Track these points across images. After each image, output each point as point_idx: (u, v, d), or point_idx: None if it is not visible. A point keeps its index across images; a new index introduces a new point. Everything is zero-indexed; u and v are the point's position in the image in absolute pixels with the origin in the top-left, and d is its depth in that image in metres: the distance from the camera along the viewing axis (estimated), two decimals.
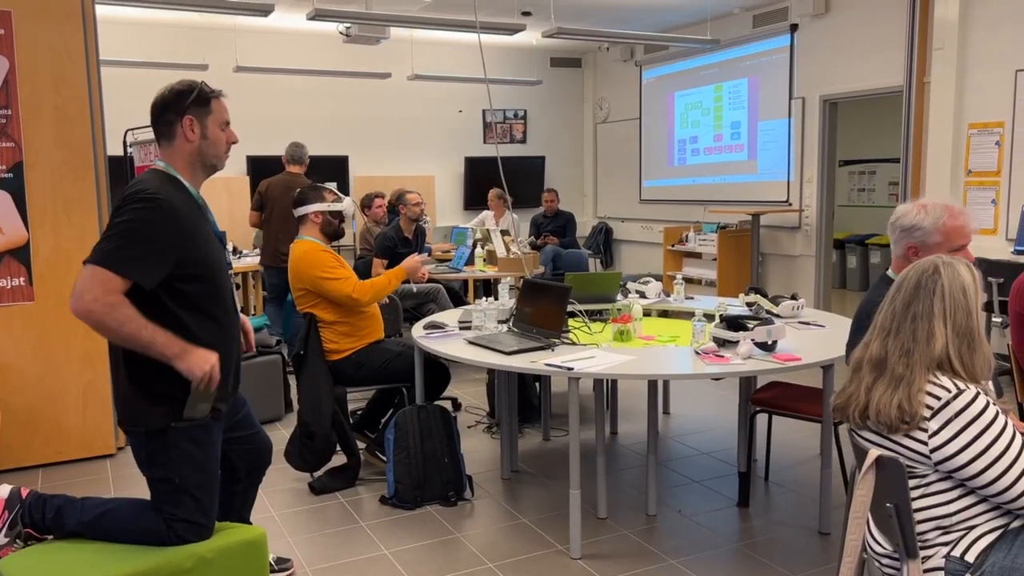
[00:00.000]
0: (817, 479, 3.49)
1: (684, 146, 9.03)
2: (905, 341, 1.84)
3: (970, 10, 6.06)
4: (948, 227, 2.46)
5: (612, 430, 4.67)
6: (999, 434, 1.74)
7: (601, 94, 10.39)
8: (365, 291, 3.79)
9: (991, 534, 1.79)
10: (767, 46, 7.83)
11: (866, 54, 6.89)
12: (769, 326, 3.27)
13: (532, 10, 7.46)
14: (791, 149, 7.67)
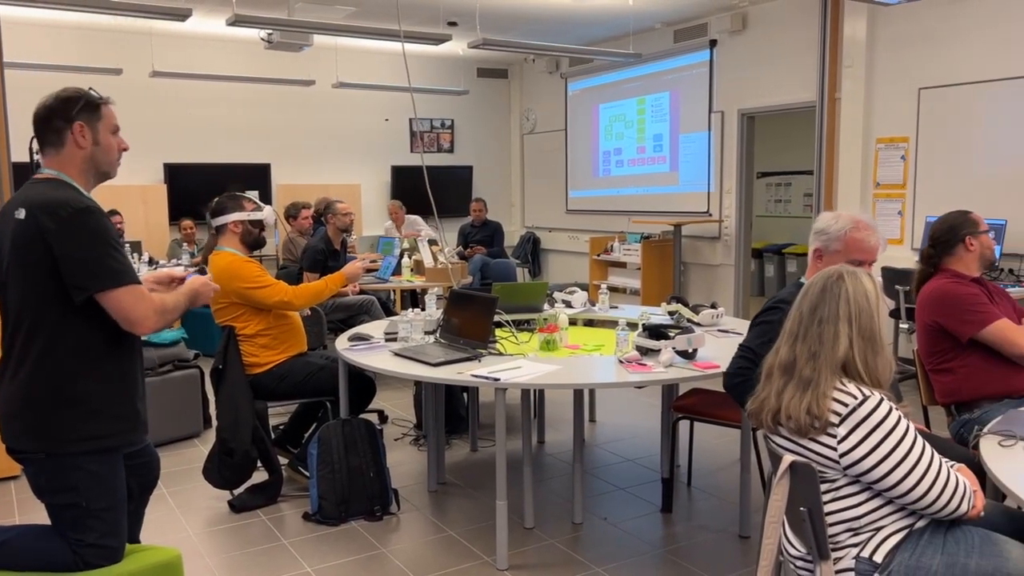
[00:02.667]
0: (737, 484, 3.58)
1: (609, 157, 9.18)
2: (812, 344, 1.91)
3: (876, 30, 6.35)
4: (850, 238, 2.59)
5: (540, 439, 4.69)
6: (901, 439, 1.81)
7: (528, 105, 10.48)
8: (301, 294, 3.74)
9: (897, 534, 1.87)
10: (687, 61, 8.04)
11: (781, 70, 7.15)
12: (689, 334, 3.35)
13: (458, 20, 7.47)
14: (711, 161, 7.89)
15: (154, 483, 2.52)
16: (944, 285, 3.02)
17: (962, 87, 5.82)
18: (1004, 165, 5.61)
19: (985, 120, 5.71)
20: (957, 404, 3.03)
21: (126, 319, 2.11)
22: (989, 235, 3.08)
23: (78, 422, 2.12)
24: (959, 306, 2.95)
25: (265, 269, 3.82)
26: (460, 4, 6.87)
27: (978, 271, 3.10)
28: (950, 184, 5.96)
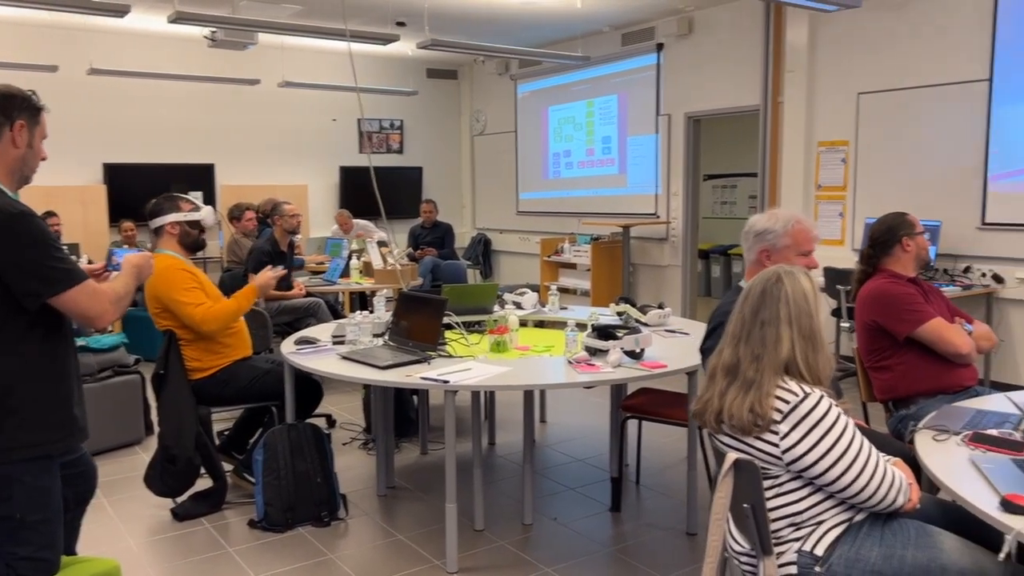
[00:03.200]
0: (685, 482, 3.62)
1: (558, 159, 9.23)
2: (755, 347, 1.94)
3: (817, 37, 6.51)
4: (796, 230, 2.65)
5: (490, 441, 4.69)
6: (841, 434, 1.86)
7: (477, 106, 10.47)
8: (212, 319, 3.57)
9: (837, 528, 1.91)
10: (635, 64, 8.12)
11: (726, 74, 7.27)
12: (637, 335, 3.38)
13: (407, 21, 7.43)
14: (658, 164, 7.98)
15: (91, 493, 2.44)
16: (882, 285, 3.11)
17: (899, 92, 6.00)
18: (939, 168, 5.80)
19: (922, 124, 5.90)
20: (894, 400, 3.11)
21: (84, 316, 2.11)
22: (924, 236, 3.18)
23: (12, 430, 2.04)
24: (896, 305, 3.04)
25: (203, 278, 3.70)
26: (409, 4, 6.83)
27: (914, 271, 3.19)
28: (888, 186, 6.13)
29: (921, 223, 3.25)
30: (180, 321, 3.59)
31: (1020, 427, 2.29)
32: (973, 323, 3.15)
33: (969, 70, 5.57)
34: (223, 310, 3.64)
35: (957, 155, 5.68)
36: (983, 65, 5.49)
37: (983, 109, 5.50)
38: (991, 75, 5.45)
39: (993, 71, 5.43)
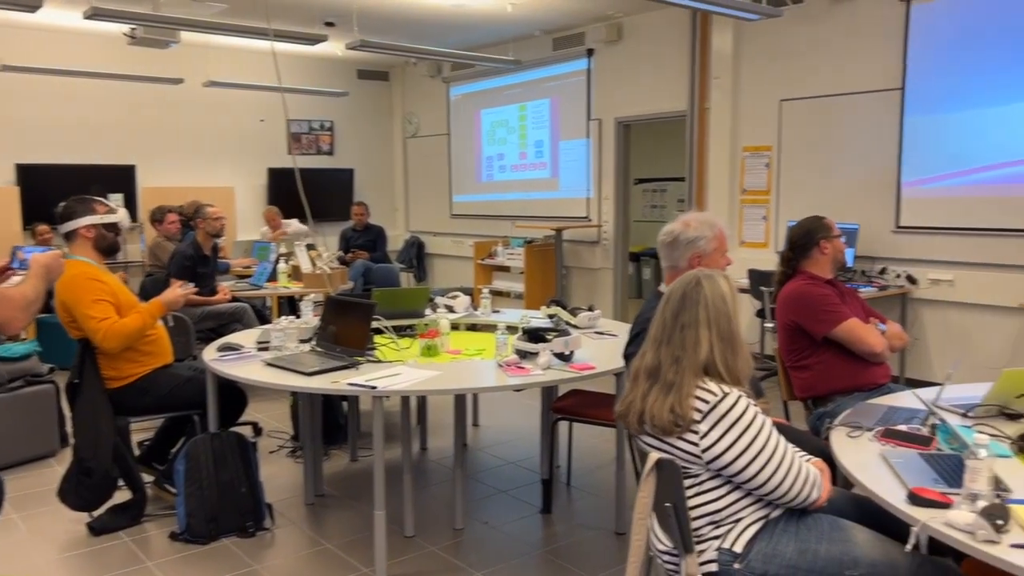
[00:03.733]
0: (614, 482, 3.66)
1: (492, 163, 9.24)
2: (675, 350, 1.98)
3: (742, 45, 6.68)
4: (720, 234, 2.74)
5: (422, 446, 4.65)
6: (758, 433, 1.90)
7: (410, 108, 10.40)
8: (114, 336, 3.38)
9: (755, 525, 1.96)
10: (566, 69, 8.19)
11: (655, 80, 7.40)
12: (566, 337, 3.41)
13: (336, 21, 7.32)
14: (590, 168, 8.07)
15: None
16: (800, 287, 3.20)
17: (819, 99, 6.21)
18: (857, 173, 6.02)
19: (840, 131, 6.11)
20: (813, 398, 3.21)
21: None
22: (841, 239, 3.29)
23: None
24: (814, 306, 3.14)
25: (114, 287, 3.53)
26: (338, 4, 6.74)
27: (831, 273, 3.30)
28: (809, 190, 6.33)
29: (838, 226, 3.37)
30: None
31: (928, 423, 2.39)
32: (886, 323, 3.28)
33: (883, 79, 5.80)
34: (125, 328, 3.41)
35: (873, 161, 5.91)
36: (896, 75, 5.72)
37: (896, 117, 5.73)
38: (903, 85, 5.68)
39: (905, 81, 5.67)
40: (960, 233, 5.47)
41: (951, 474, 1.98)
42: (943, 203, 5.54)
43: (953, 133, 5.46)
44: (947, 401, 2.63)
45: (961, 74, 5.40)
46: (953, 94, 5.44)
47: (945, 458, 2.10)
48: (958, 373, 3.69)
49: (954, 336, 5.57)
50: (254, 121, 9.35)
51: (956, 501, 1.80)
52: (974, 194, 5.38)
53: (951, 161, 5.48)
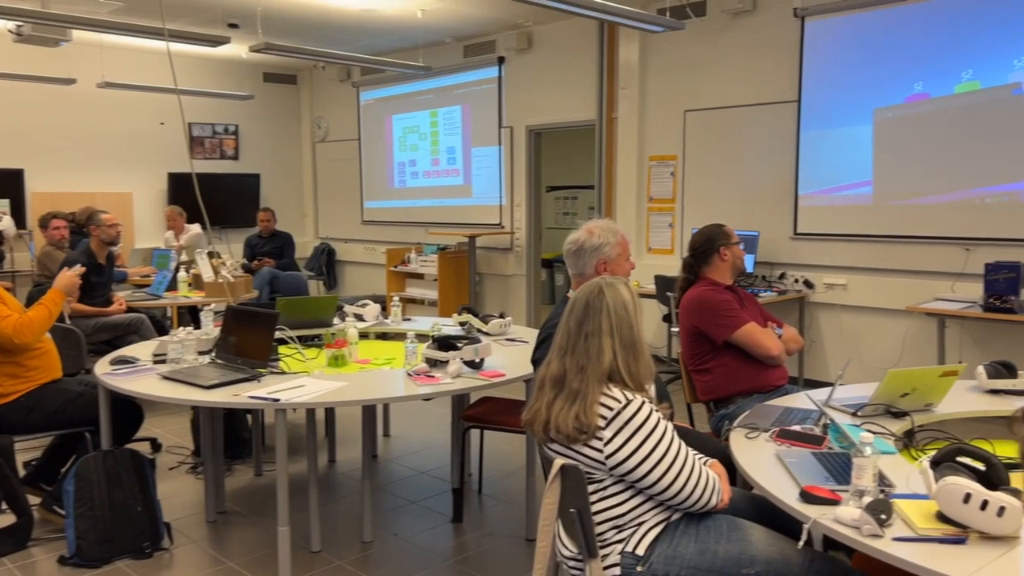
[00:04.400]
0: (524, 488, 3.67)
1: (404, 169, 9.16)
2: (580, 358, 2.00)
3: (647, 56, 6.84)
4: (623, 240, 2.82)
5: (330, 458, 4.55)
6: (660, 439, 1.94)
7: (319, 112, 10.21)
8: (25, 329, 3.26)
9: (656, 528, 2.00)
10: (478, 76, 8.21)
11: (565, 89, 7.49)
12: (476, 344, 3.40)
13: (240, 22, 7.12)
14: (502, 175, 8.10)
15: None
16: (702, 293, 3.29)
17: (722, 110, 6.42)
18: (758, 182, 6.24)
19: (742, 141, 6.33)
20: (715, 400, 3.30)
21: None
22: (740, 246, 3.40)
23: None
24: (714, 312, 3.23)
25: (3, 293, 3.36)
26: (242, 5, 6.55)
27: (731, 279, 3.40)
28: (713, 198, 6.53)
29: (740, 234, 3.48)
30: None
31: (820, 423, 2.49)
32: (783, 327, 3.40)
33: (780, 92, 6.04)
34: (36, 318, 3.34)
35: (772, 170, 6.14)
36: (792, 88, 5.97)
37: (793, 128, 5.98)
38: (799, 98, 5.93)
39: (801, 94, 5.92)
40: (853, 240, 5.74)
41: (841, 472, 2.06)
42: (837, 211, 5.81)
43: (845, 147, 5.73)
44: (839, 401, 2.75)
45: (852, 90, 5.68)
46: (845, 109, 5.72)
47: (835, 456, 2.19)
48: (852, 373, 3.87)
49: (848, 338, 5.84)
50: (154, 124, 8.99)
51: (844, 498, 1.88)
52: (865, 203, 5.66)
53: (843, 174, 5.75)
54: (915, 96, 5.40)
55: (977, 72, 5.13)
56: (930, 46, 5.31)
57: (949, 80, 5.24)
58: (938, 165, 5.31)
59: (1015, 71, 4.98)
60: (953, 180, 5.25)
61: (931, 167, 5.34)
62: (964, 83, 5.17)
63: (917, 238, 5.43)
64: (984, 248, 5.07)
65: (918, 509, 1.78)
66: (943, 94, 5.27)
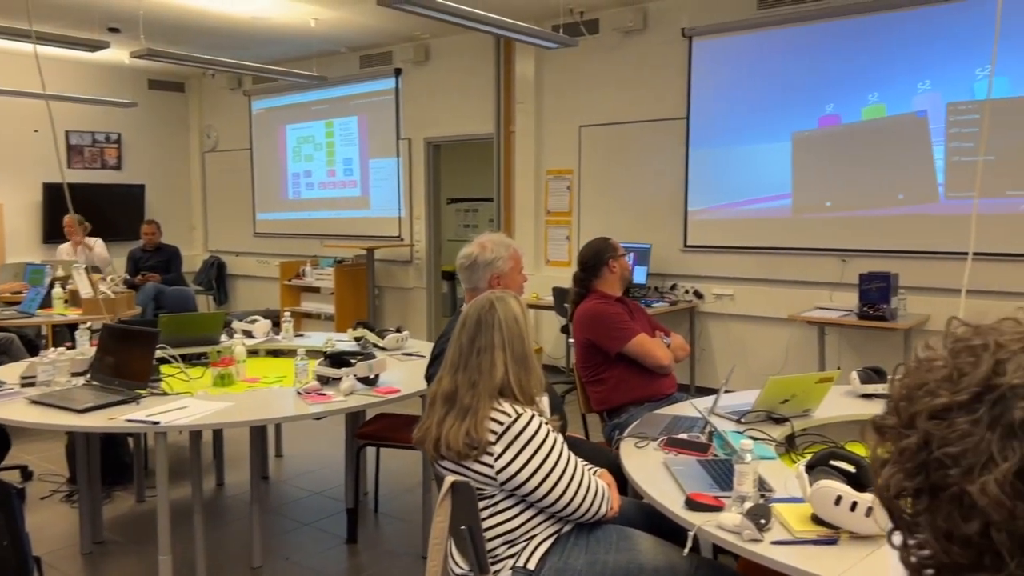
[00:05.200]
0: (421, 505, 3.62)
1: (298, 179, 8.95)
2: (472, 374, 1.99)
3: (543, 72, 6.94)
4: (516, 253, 2.85)
5: (218, 481, 4.37)
6: (550, 452, 1.95)
7: (208, 121, 9.86)
8: None
9: (547, 541, 2.00)
10: (374, 87, 8.13)
11: (463, 102, 7.50)
12: (370, 360, 3.34)
13: (121, 27, 6.80)
14: (400, 187, 8.03)
15: None
16: (593, 306, 3.35)
17: (615, 126, 6.57)
18: (650, 196, 6.42)
19: (635, 156, 6.50)
20: (608, 411, 3.36)
21: None
22: (626, 258, 3.47)
23: None
24: (606, 324, 3.29)
25: None
26: (123, 9, 6.26)
27: (621, 290, 3.48)
28: (608, 212, 6.67)
29: (632, 246, 3.57)
30: None
31: (706, 430, 2.56)
32: (670, 335, 3.49)
33: (670, 109, 6.24)
34: None
35: (663, 184, 6.32)
36: (681, 106, 6.18)
37: (682, 144, 6.18)
38: (688, 115, 6.14)
39: (689, 112, 6.14)
40: (739, 252, 5.98)
41: (724, 478, 2.12)
42: (724, 224, 6.03)
43: (731, 165, 5.96)
44: (724, 408, 2.83)
45: (736, 110, 5.92)
46: (730, 128, 5.96)
47: (719, 463, 2.26)
48: (740, 380, 4.01)
49: (735, 346, 6.07)
50: (27, 131, 8.45)
51: (727, 504, 1.93)
52: (750, 217, 5.91)
53: (729, 192, 5.98)
54: (790, 113, 5.68)
55: (837, 106, 5.45)
56: (802, 68, 5.61)
57: (817, 105, 5.54)
58: (822, 184, 5.60)
59: (919, 94, 5.32)
60: (837, 202, 5.54)
61: (816, 185, 5.63)
62: (870, 106, 5.40)
63: (798, 250, 5.71)
64: (859, 259, 5.38)
65: (795, 512, 1.86)
66: (846, 115, 5.52)
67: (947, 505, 0.65)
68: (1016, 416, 0.63)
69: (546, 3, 6.13)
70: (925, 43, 5.12)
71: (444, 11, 4.61)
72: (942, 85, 5.06)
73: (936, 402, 0.68)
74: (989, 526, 0.62)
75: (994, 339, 0.68)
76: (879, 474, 0.72)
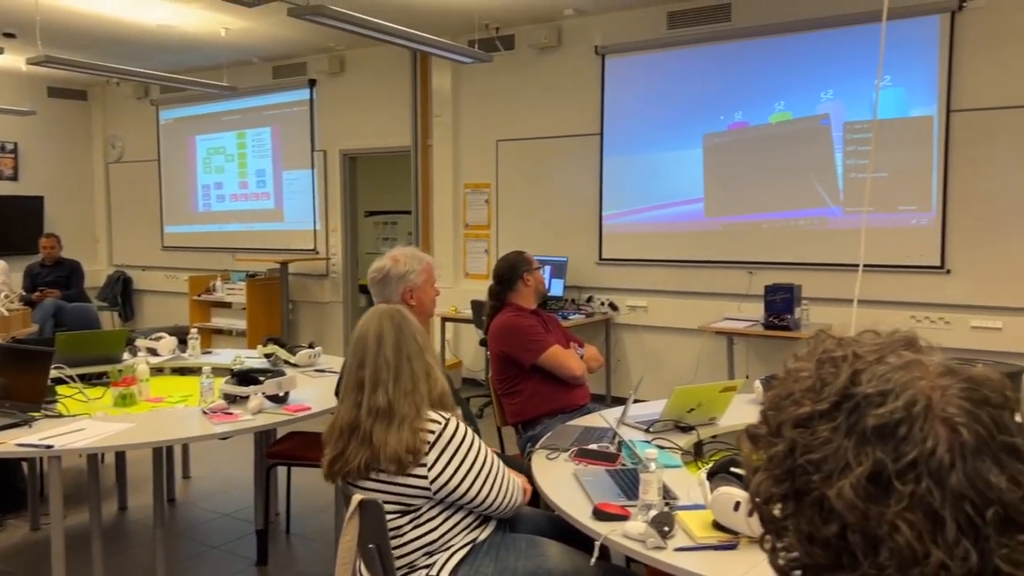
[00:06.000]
0: (335, 525, 3.55)
1: (209, 192, 8.71)
2: (405, 383, 2.00)
3: (460, 85, 6.97)
4: (429, 267, 2.85)
5: (121, 505, 4.19)
6: (477, 453, 2.00)
7: (113, 131, 9.49)
8: None
9: (462, 551, 2.01)
10: (288, 98, 7.99)
11: (379, 114, 7.45)
12: (280, 378, 3.27)
13: (17, 32, 6.49)
14: (315, 199, 7.91)
15: None
16: (508, 319, 3.37)
17: (532, 141, 6.64)
18: (567, 210, 6.51)
19: (551, 171, 6.58)
20: (523, 423, 3.38)
21: None
22: (540, 272, 3.51)
23: None
24: (520, 336, 3.31)
25: None
26: (19, 13, 5.98)
27: (535, 303, 3.51)
28: (525, 225, 6.73)
29: (549, 259, 3.61)
30: None
31: (615, 441, 2.60)
32: (584, 347, 3.54)
33: (585, 124, 6.36)
34: None
35: (579, 199, 6.42)
36: (595, 121, 6.30)
37: (596, 159, 6.30)
38: (601, 130, 6.27)
39: (603, 127, 6.26)
40: (652, 264, 6.12)
41: (632, 488, 2.16)
42: (638, 238, 6.17)
43: (642, 173, 6.12)
44: (634, 418, 2.89)
45: (649, 123, 6.08)
46: (640, 139, 6.11)
47: (627, 473, 2.30)
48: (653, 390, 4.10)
49: (649, 356, 6.20)
50: None
51: (633, 512, 1.97)
52: (662, 230, 6.06)
53: (640, 197, 6.14)
54: (698, 129, 5.87)
55: (746, 113, 5.68)
56: (710, 87, 5.80)
57: (725, 117, 5.75)
58: (730, 191, 5.80)
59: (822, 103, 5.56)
60: (744, 206, 5.74)
61: (725, 193, 5.82)
62: (737, 119, 5.68)
63: (709, 262, 5.88)
64: (765, 271, 5.58)
65: (697, 519, 1.91)
66: (756, 123, 5.71)
67: (809, 509, 0.68)
68: (869, 423, 0.66)
69: (462, 18, 6.16)
70: (825, 62, 5.38)
71: (357, 24, 4.58)
72: (843, 96, 5.31)
73: (800, 411, 0.71)
74: (846, 528, 0.66)
75: (853, 350, 0.72)
76: (752, 480, 0.75)
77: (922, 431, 0.65)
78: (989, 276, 4.94)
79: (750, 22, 5.61)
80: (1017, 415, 0.69)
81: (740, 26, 5.65)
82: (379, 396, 2.01)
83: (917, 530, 0.63)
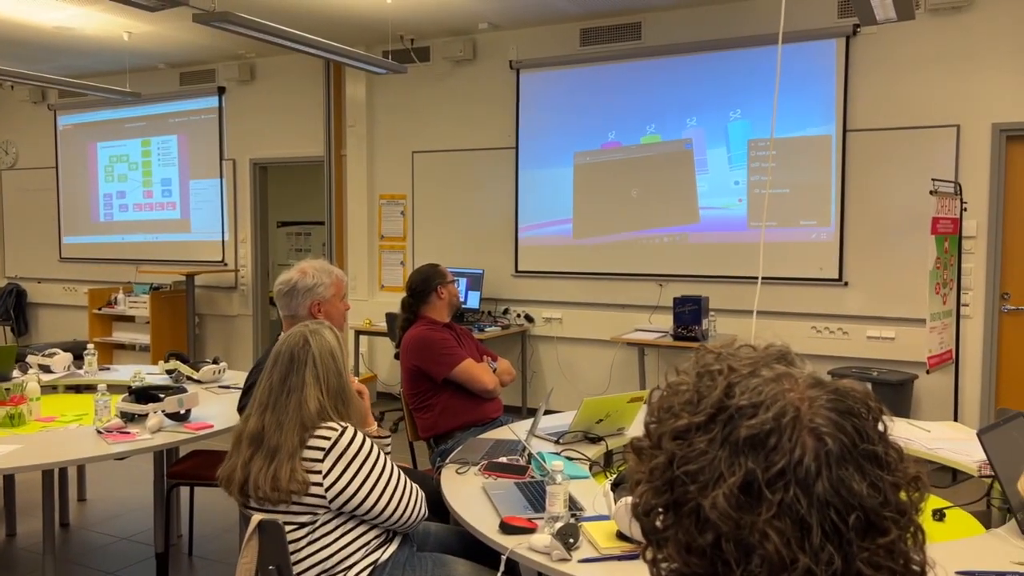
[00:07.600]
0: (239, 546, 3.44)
1: (111, 201, 8.35)
2: (280, 415, 1.93)
3: (374, 96, 6.91)
4: (338, 279, 2.80)
5: (9, 531, 3.94)
6: (375, 463, 1.96)
7: (6, 137, 9.00)
8: None
9: (364, 572, 1.96)
10: (196, 105, 7.75)
11: (291, 123, 7.31)
12: (181, 395, 3.16)
13: None
14: (224, 209, 7.68)
15: None
16: (421, 332, 3.34)
17: (448, 153, 6.63)
18: (483, 223, 6.52)
19: (468, 183, 6.58)
20: (435, 437, 3.35)
21: None
22: (454, 284, 3.50)
23: None
24: (433, 350, 3.29)
25: None
26: None
27: (448, 316, 3.49)
28: (442, 237, 6.71)
29: (465, 271, 3.60)
30: None
31: (524, 453, 2.61)
32: (497, 360, 3.55)
33: (501, 138, 6.39)
34: None
35: (496, 212, 6.45)
36: (511, 134, 6.34)
37: (512, 172, 6.34)
38: (517, 143, 6.32)
39: (518, 140, 6.31)
40: (566, 276, 6.19)
41: (540, 500, 2.17)
42: (553, 250, 6.23)
43: (555, 186, 6.19)
44: (545, 430, 2.91)
45: (560, 136, 6.16)
46: (554, 152, 6.19)
47: (535, 485, 2.30)
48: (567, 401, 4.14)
49: (564, 367, 6.26)
50: None
51: (540, 525, 1.97)
52: (575, 243, 6.14)
53: (554, 210, 6.21)
54: (609, 143, 5.99)
55: (659, 127, 5.84)
56: (623, 102, 5.94)
57: (636, 132, 5.89)
58: (627, 206, 5.92)
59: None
60: (640, 220, 5.88)
61: (621, 208, 5.95)
62: (648, 135, 5.84)
63: (619, 275, 5.99)
64: (675, 283, 5.72)
65: (602, 530, 1.93)
66: (633, 143, 5.90)
67: (687, 519, 0.70)
68: (741, 434, 0.68)
69: (377, 28, 6.12)
70: (732, 80, 5.58)
71: (267, 32, 4.48)
72: (749, 115, 5.52)
73: (679, 423, 0.72)
74: (720, 537, 0.67)
75: (728, 364, 0.74)
76: (634, 492, 0.76)
77: (790, 441, 0.67)
78: (883, 288, 5.20)
79: (661, 41, 5.77)
80: (880, 424, 0.72)
81: (650, 44, 5.80)
82: (255, 420, 1.97)
83: (785, 537, 0.65)
